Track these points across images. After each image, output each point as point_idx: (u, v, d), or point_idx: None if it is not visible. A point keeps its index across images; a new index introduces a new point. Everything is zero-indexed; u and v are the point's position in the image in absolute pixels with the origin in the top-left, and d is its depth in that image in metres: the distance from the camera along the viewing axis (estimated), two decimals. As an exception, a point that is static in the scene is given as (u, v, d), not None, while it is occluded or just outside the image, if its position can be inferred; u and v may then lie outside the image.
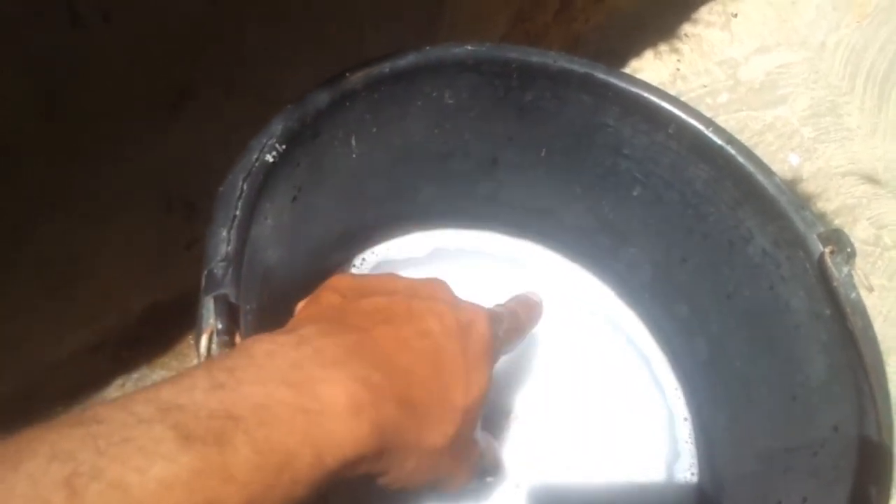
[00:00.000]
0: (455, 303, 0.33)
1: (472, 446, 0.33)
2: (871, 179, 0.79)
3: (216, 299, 0.29)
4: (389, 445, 0.26)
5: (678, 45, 0.81)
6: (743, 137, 0.41)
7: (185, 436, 0.20)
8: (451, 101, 0.42)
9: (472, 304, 0.34)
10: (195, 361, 0.28)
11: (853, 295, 0.35)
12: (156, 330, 0.50)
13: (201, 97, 0.45)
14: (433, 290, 0.34)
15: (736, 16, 0.86)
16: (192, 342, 0.43)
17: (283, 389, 0.23)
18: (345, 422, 0.24)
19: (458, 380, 0.30)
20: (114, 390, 0.48)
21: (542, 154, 0.46)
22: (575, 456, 0.45)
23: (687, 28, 0.82)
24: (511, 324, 0.37)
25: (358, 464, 0.24)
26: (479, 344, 0.32)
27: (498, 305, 0.38)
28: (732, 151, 0.40)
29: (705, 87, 0.80)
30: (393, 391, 0.27)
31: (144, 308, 0.50)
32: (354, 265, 0.49)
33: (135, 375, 0.49)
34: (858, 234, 0.76)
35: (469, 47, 0.40)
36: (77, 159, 0.42)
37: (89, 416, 0.20)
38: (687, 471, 0.46)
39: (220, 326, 0.28)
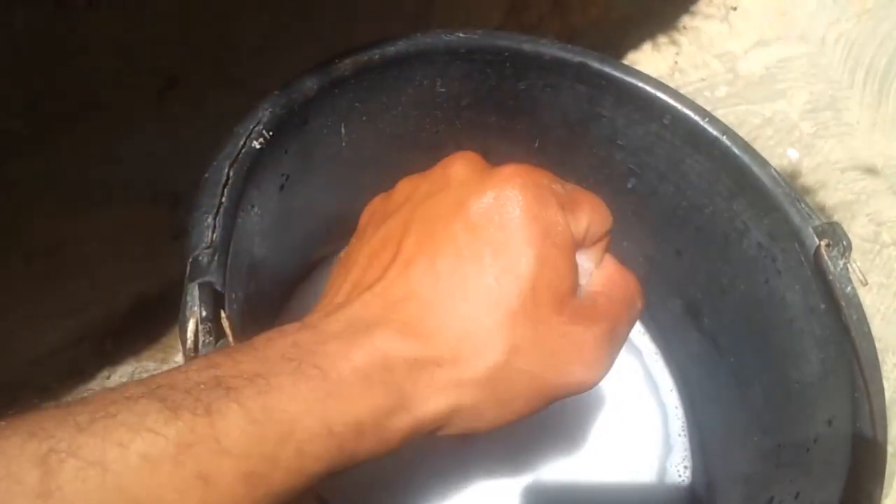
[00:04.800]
0: (473, 188, 0.26)
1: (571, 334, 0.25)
2: (871, 175, 0.78)
3: (201, 287, 0.28)
4: (417, 395, 0.23)
5: (677, 37, 0.80)
6: (742, 132, 0.40)
7: (173, 408, 0.18)
8: (442, 90, 0.41)
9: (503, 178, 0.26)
10: (181, 351, 0.27)
11: (848, 289, 0.35)
12: (142, 321, 0.50)
13: (188, 86, 0.44)
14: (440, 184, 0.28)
15: (735, 9, 0.85)
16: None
17: (283, 363, 0.22)
18: (352, 386, 0.22)
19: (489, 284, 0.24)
20: (99, 383, 0.48)
21: (536, 145, 0.45)
22: (566, 450, 0.44)
23: (686, 20, 0.82)
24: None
25: (383, 424, 0.22)
26: (517, 220, 0.25)
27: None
28: (728, 143, 0.39)
29: (704, 80, 0.80)
30: (405, 344, 0.24)
31: (131, 299, 0.50)
32: (341, 258, 0.48)
33: (120, 368, 0.48)
34: (857, 230, 0.75)
35: (461, 34, 0.39)
36: (62, 149, 0.42)
37: (76, 399, 0.19)
38: (680, 464, 0.45)
39: (203, 314, 0.27)
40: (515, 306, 0.24)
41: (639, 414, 0.47)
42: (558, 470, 0.43)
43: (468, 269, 0.25)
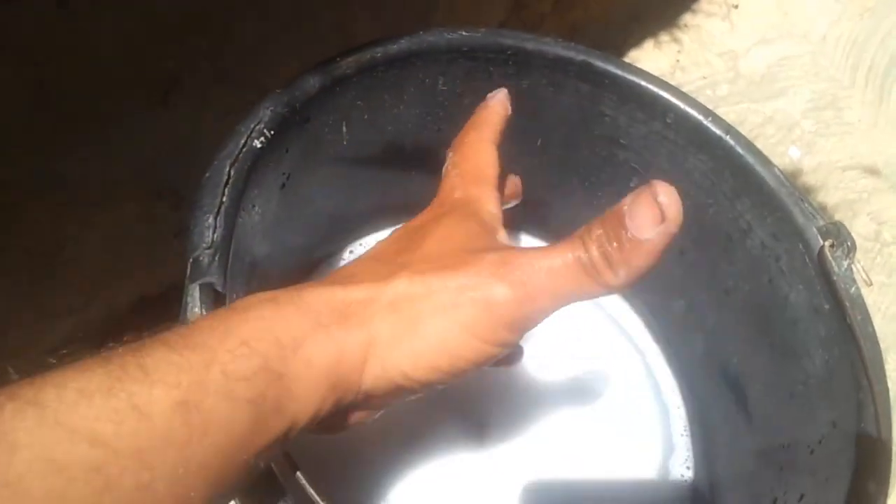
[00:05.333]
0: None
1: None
2: (872, 174, 0.78)
3: (201, 287, 0.28)
4: (333, 320, 0.24)
5: (679, 35, 0.80)
6: (743, 130, 0.40)
7: (107, 357, 0.20)
8: (444, 88, 0.41)
9: None
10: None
11: (853, 289, 0.35)
12: (143, 320, 0.49)
13: (190, 84, 0.44)
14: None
15: (737, 7, 0.85)
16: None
17: (207, 315, 0.23)
18: (261, 306, 0.23)
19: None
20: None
21: (538, 144, 0.45)
22: (568, 449, 0.44)
23: (687, 18, 0.81)
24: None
25: (301, 342, 0.23)
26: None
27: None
28: (731, 142, 0.39)
29: (705, 78, 0.80)
30: (323, 286, 0.26)
31: (132, 297, 0.50)
32: (343, 258, 0.48)
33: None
34: (858, 229, 0.75)
35: (463, 33, 0.39)
36: (64, 146, 0.42)
37: None
38: (682, 465, 0.45)
39: (204, 315, 0.27)
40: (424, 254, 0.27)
41: (641, 414, 0.47)
42: (558, 471, 0.43)
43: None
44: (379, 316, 0.25)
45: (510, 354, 0.38)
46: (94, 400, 0.18)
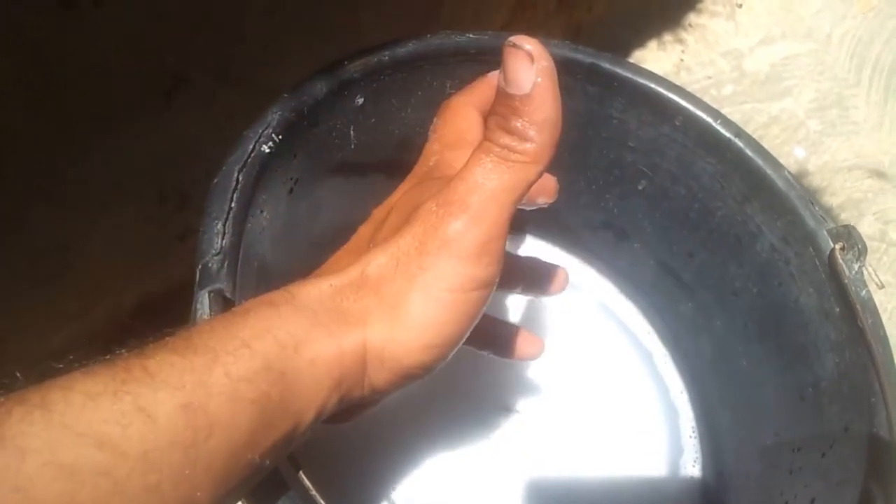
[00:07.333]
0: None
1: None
2: (878, 174, 0.78)
3: (211, 294, 0.28)
4: (335, 319, 0.25)
5: (683, 35, 0.80)
6: (748, 130, 0.40)
7: (112, 360, 0.20)
8: (452, 92, 0.40)
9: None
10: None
11: (864, 293, 0.35)
12: (148, 323, 0.49)
13: (196, 85, 0.43)
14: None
15: (741, 6, 0.84)
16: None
17: (215, 317, 0.24)
18: (259, 309, 0.23)
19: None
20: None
21: (546, 146, 0.45)
22: (576, 450, 0.44)
23: (692, 18, 0.81)
24: None
25: (304, 342, 0.23)
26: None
27: None
28: (741, 144, 0.39)
29: (710, 78, 0.79)
30: (319, 280, 0.26)
31: (136, 300, 0.49)
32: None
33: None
34: (864, 229, 0.75)
35: (471, 35, 0.39)
36: (68, 147, 0.41)
37: None
38: (690, 466, 0.45)
39: (205, 319, 0.27)
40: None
41: (648, 416, 0.47)
42: (566, 472, 0.43)
43: None
44: (369, 310, 0.25)
45: (522, 347, 0.37)
46: (100, 403, 0.18)
